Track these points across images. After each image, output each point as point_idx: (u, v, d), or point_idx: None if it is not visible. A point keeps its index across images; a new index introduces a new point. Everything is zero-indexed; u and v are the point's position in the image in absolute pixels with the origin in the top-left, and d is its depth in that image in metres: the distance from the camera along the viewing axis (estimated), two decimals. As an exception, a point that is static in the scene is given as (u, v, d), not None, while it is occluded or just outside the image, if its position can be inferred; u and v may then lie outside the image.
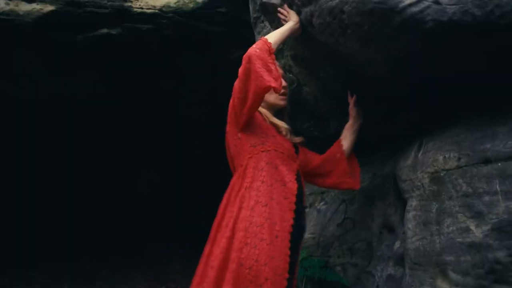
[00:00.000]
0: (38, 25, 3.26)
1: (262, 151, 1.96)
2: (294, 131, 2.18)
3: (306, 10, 1.97)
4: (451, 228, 1.84)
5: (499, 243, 1.69)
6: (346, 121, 2.43)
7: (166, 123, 4.85)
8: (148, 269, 5.42)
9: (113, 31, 3.37)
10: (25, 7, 3.23)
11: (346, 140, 2.24)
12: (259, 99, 1.90)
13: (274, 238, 1.78)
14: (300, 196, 1.97)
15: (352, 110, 2.27)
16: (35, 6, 3.23)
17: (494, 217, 1.72)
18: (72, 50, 3.47)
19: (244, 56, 1.84)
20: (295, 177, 1.98)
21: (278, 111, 2.15)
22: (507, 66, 1.73)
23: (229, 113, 1.98)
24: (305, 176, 2.11)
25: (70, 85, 3.94)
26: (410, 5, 1.66)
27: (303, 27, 2.06)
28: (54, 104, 4.18)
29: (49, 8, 3.23)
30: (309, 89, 2.53)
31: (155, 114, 4.49)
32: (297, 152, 2.10)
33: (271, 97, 2.08)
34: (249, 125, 1.98)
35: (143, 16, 3.31)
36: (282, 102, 2.12)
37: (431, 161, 1.98)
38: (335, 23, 1.86)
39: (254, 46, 1.88)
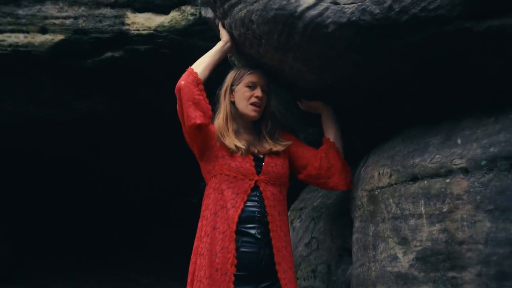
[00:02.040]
0: (52, 53, 3.55)
1: (212, 177, 1.90)
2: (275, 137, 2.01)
3: (226, 23, 1.89)
4: (383, 255, 1.63)
5: (424, 275, 1.45)
6: (315, 133, 2.28)
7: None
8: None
9: (116, 54, 3.55)
10: (40, 38, 3.56)
11: (327, 131, 2.00)
12: (193, 135, 1.86)
13: (213, 272, 1.73)
14: (250, 219, 1.82)
15: (309, 105, 2.06)
16: (48, 37, 3.54)
17: (418, 244, 1.48)
18: (84, 74, 3.73)
19: (175, 89, 1.83)
20: (243, 199, 1.84)
21: (256, 121, 1.97)
22: (432, 71, 1.48)
23: None
24: (313, 181, 1.99)
25: (94, 105, 4.24)
26: (308, 8, 1.52)
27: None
28: (85, 123, 4.52)
29: (59, 37, 3.52)
30: (272, 102, 2.41)
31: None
32: (259, 166, 1.92)
33: (240, 106, 1.93)
34: (204, 152, 1.92)
35: (140, 38, 3.45)
36: (252, 114, 1.91)
37: (368, 177, 1.78)
38: (249, 33, 1.77)
39: (181, 77, 1.84)
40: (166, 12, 3.53)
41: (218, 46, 1.97)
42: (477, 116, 1.46)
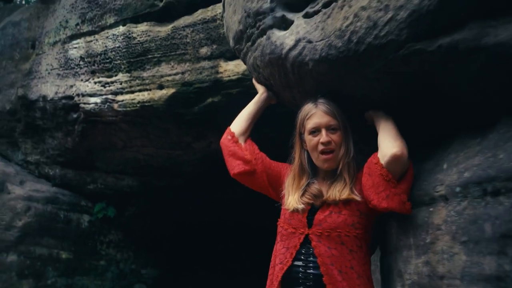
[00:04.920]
0: (168, 104, 4.23)
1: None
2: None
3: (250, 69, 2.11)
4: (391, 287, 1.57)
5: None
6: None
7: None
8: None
9: (215, 99, 4.03)
10: (158, 94, 4.27)
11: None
12: (244, 183, 1.97)
13: None
14: (294, 280, 1.65)
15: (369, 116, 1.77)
16: (164, 91, 4.23)
17: (408, 277, 1.41)
18: (194, 118, 4.31)
19: None
20: (292, 255, 1.69)
21: (334, 171, 1.75)
22: (410, 95, 1.43)
23: None
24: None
25: (210, 145, 4.81)
26: (290, 49, 1.64)
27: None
28: (207, 162, 5.13)
29: (171, 90, 4.17)
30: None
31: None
32: (311, 216, 1.73)
33: (313, 157, 1.79)
34: (276, 192, 1.93)
35: (232, 83, 3.84)
36: (325, 166, 1.72)
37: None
38: (261, 76, 1.94)
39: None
40: (251, 58, 3.88)
41: (255, 99, 2.13)
42: (464, 138, 1.34)
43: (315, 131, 1.71)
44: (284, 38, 1.61)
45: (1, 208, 5.01)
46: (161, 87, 4.30)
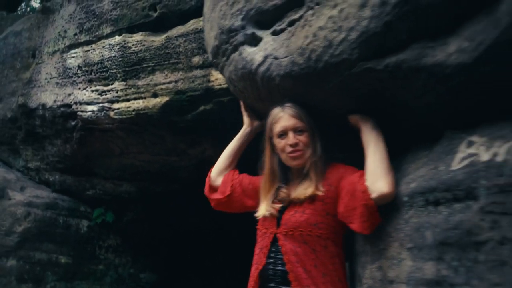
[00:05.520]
0: (161, 112, 4.33)
1: None
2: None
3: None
4: (354, 292, 1.64)
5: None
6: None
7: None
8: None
9: (207, 107, 4.13)
10: (152, 102, 4.37)
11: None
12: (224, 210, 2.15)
13: None
14: (267, 279, 1.70)
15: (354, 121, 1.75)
16: (158, 100, 4.34)
17: (365, 281, 1.49)
18: (187, 126, 4.41)
19: None
20: (265, 255, 1.75)
21: (301, 169, 1.80)
22: (373, 108, 1.51)
23: None
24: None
25: (204, 151, 4.91)
26: (259, 65, 1.73)
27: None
28: (201, 168, 5.23)
29: (165, 99, 4.27)
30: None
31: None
32: (279, 215, 1.79)
33: (282, 158, 1.85)
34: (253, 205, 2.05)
35: (223, 91, 3.92)
36: (294, 163, 1.79)
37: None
38: (237, 89, 2.03)
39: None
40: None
41: (239, 133, 2.21)
42: (416, 151, 1.43)
43: (283, 134, 1.77)
44: (254, 54, 1.70)
45: (1, 214, 5.13)
46: (155, 95, 4.41)
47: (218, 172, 2.13)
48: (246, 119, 2.18)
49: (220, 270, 6.74)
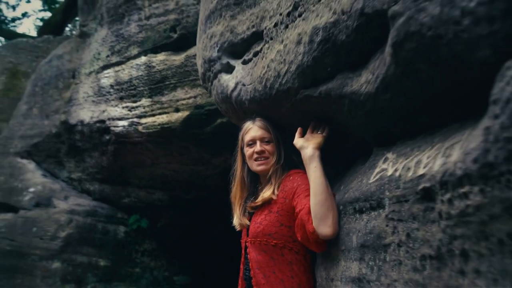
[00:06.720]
0: (183, 125, 4.69)
1: None
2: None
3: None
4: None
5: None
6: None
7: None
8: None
9: (224, 120, 4.42)
10: (175, 116, 4.74)
11: None
12: None
13: None
14: (244, 285, 1.91)
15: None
16: (180, 114, 4.70)
17: (319, 280, 1.68)
18: (207, 137, 4.72)
19: None
20: (242, 262, 1.98)
21: (265, 175, 1.95)
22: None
23: None
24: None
25: (226, 161, 5.19)
26: (232, 90, 1.97)
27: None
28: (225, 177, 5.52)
29: (186, 113, 4.62)
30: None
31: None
32: (249, 224, 1.95)
33: (249, 165, 1.98)
34: None
35: (236, 104, 4.25)
36: (258, 168, 1.91)
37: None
38: (222, 109, 2.28)
39: None
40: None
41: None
42: (357, 165, 1.61)
43: (252, 143, 1.93)
44: (228, 81, 1.94)
45: (47, 220, 5.68)
46: (177, 110, 4.76)
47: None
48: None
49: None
